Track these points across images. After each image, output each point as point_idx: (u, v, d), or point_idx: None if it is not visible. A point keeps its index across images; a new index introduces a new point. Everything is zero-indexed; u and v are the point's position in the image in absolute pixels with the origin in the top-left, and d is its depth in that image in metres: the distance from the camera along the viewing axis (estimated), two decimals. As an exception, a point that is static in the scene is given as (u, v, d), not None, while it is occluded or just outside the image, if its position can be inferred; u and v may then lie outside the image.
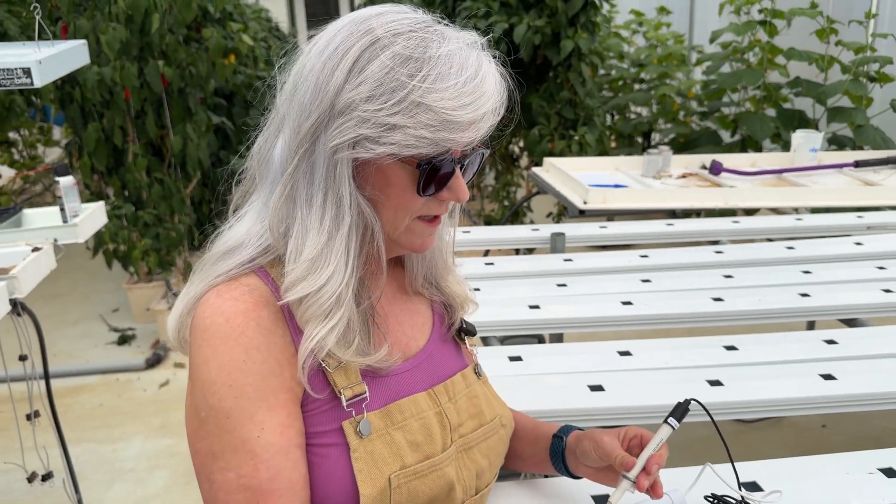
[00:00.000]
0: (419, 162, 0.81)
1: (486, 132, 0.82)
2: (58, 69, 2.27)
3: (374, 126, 0.77)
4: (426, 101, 0.77)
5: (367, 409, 0.85)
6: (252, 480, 0.79)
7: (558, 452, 1.01)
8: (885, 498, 1.07)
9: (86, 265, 4.78)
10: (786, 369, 1.46)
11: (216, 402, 0.80)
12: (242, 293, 0.83)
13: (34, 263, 2.09)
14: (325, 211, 0.81)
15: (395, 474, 0.84)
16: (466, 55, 0.79)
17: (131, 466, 2.98)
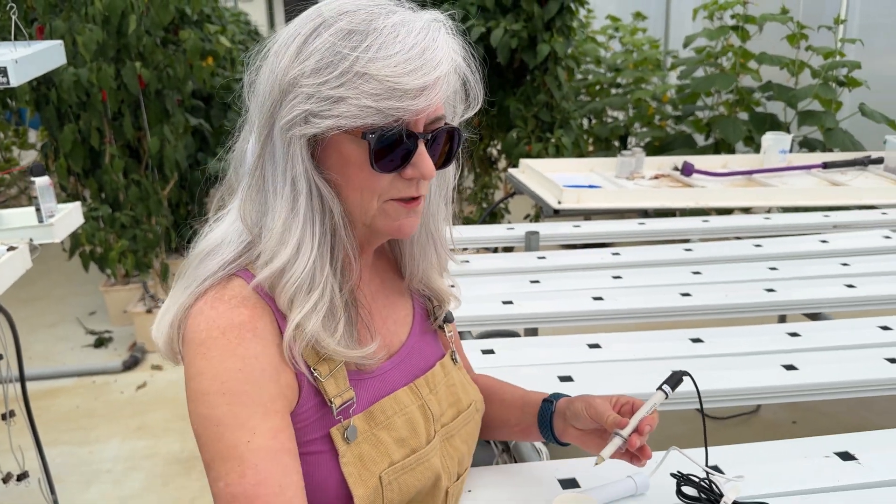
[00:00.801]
0: (364, 132, 0.79)
1: (441, 100, 0.81)
2: (34, 69, 2.27)
3: (318, 100, 0.78)
4: (369, 71, 0.76)
5: (354, 412, 0.86)
6: (237, 488, 0.77)
7: (546, 417, 1.03)
8: (839, 479, 1.11)
9: (62, 268, 4.75)
10: (750, 360, 1.50)
11: (207, 411, 0.79)
12: (237, 304, 0.82)
13: (9, 263, 2.09)
14: (284, 188, 0.81)
15: (384, 472, 0.85)
16: (414, 25, 0.79)
17: (108, 468, 2.97)
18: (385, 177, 0.82)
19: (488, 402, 1.09)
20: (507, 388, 1.12)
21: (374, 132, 0.79)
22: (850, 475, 1.13)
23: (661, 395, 0.96)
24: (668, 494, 1.07)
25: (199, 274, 0.84)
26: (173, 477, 2.90)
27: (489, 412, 1.09)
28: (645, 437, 0.93)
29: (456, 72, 0.83)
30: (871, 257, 2.13)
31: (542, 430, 1.04)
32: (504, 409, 1.08)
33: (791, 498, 1.06)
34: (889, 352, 1.54)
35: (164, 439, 3.15)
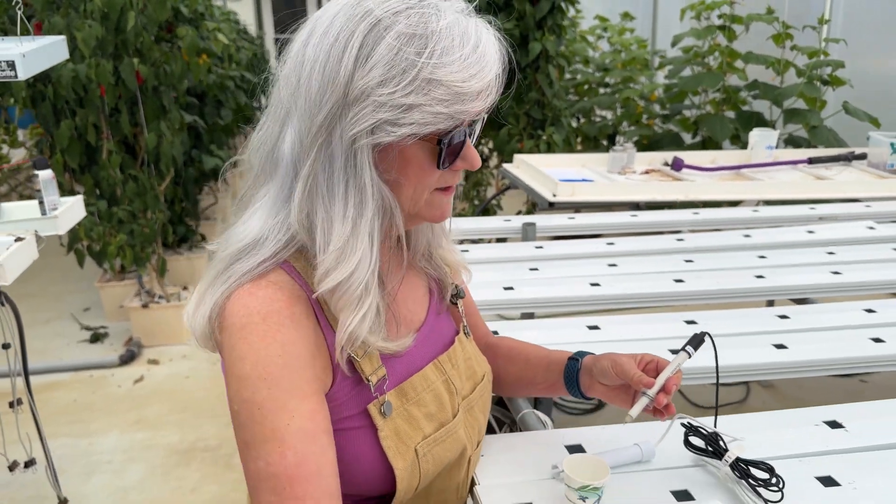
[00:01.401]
0: (439, 138, 0.82)
1: (494, 98, 0.84)
2: (39, 63, 2.30)
3: (391, 109, 0.78)
4: (437, 77, 0.77)
5: (387, 389, 0.90)
6: (279, 467, 0.79)
7: (573, 374, 1.08)
8: (828, 445, 1.18)
9: (56, 265, 4.77)
10: (742, 340, 1.57)
11: (249, 395, 0.81)
12: (274, 290, 0.83)
13: (17, 253, 2.12)
14: (348, 200, 0.81)
15: (419, 445, 0.90)
16: (465, 25, 0.80)
17: (108, 459, 3.00)
18: (438, 172, 0.86)
19: (513, 363, 1.15)
20: (531, 348, 1.17)
21: (446, 136, 0.82)
22: (837, 441, 1.20)
23: (684, 356, 1.03)
24: (673, 461, 1.14)
25: (238, 269, 0.85)
26: (173, 468, 2.93)
27: (514, 372, 1.15)
28: (671, 396, 0.99)
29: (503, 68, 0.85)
30: (855, 246, 2.21)
31: (568, 387, 1.09)
32: (529, 369, 1.13)
33: (784, 461, 1.12)
34: (874, 332, 1.61)
35: (162, 431, 3.19)
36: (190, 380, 3.61)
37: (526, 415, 1.33)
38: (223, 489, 2.79)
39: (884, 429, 1.23)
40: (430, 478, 0.92)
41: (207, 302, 0.86)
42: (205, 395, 3.47)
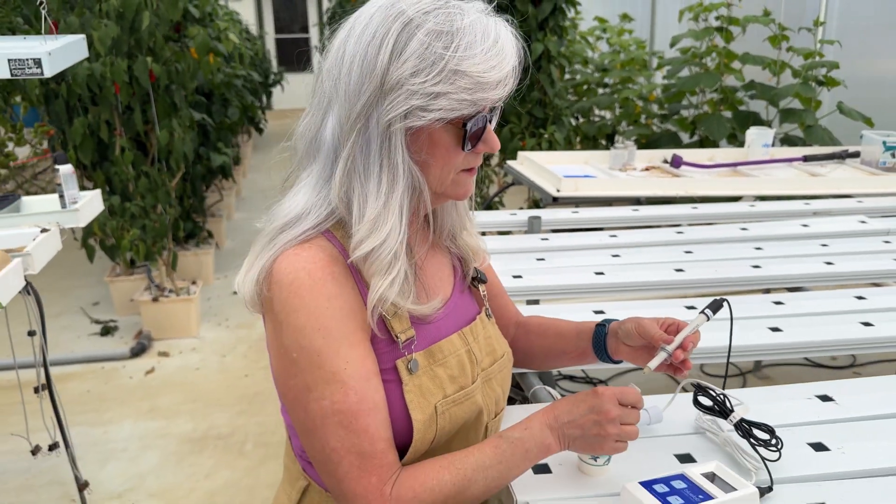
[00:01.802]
0: (464, 122, 0.92)
1: (511, 86, 0.94)
2: (63, 61, 2.39)
3: (422, 96, 0.88)
4: (461, 68, 0.88)
5: (415, 350, 1.00)
6: (344, 405, 0.91)
7: (601, 339, 1.18)
8: (819, 416, 1.28)
9: (64, 261, 4.84)
10: (740, 324, 1.66)
11: (307, 343, 0.91)
12: (315, 253, 0.94)
13: (44, 243, 2.21)
14: (382, 178, 0.92)
15: (439, 402, 0.99)
16: (485, 23, 0.91)
17: (123, 447, 3.09)
18: (463, 153, 0.96)
19: (545, 336, 1.25)
20: (561, 322, 1.27)
21: (469, 120, 0.92)
22: (828, 412, 1.29)
23: (703, 318, 1.12)
24: (680, 426, 1.23)
25: (283, 238, 0.96)
26: (186, 455, 3.02)
27: (546, 345, 1.25)
28: (689, 353, 1.09)
29: (519, 60, 0.96)
30: (848, 239, 2.30)
31: (596, 352, 1.20)
32: (562, 340, 1.24)
33: (784, 429, 1.21)
34: (864, 317, 1.71)
35: (175, 420, 3.27)
36: (200, 371, 3.70)
37: (537, 390, 1.42)
38: (236, 475, 2.88)
39: (871, 402, 1.33)
40: (446, 435, 1.01)
41: (256, 267, 0.96)
42: (215, 386, 3.55)
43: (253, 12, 13.01)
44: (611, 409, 0.99)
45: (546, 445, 1.00)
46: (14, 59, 2.19)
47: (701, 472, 1.05)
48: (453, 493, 0.95)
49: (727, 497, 1.00)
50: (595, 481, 1.09)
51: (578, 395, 1.03)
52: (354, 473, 0.92)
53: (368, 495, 0.92)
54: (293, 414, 0.96)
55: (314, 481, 1.07)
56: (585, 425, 0.99)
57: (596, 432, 0.99)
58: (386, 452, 0.94)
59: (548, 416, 1.02)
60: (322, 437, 0.93)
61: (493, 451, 0.98)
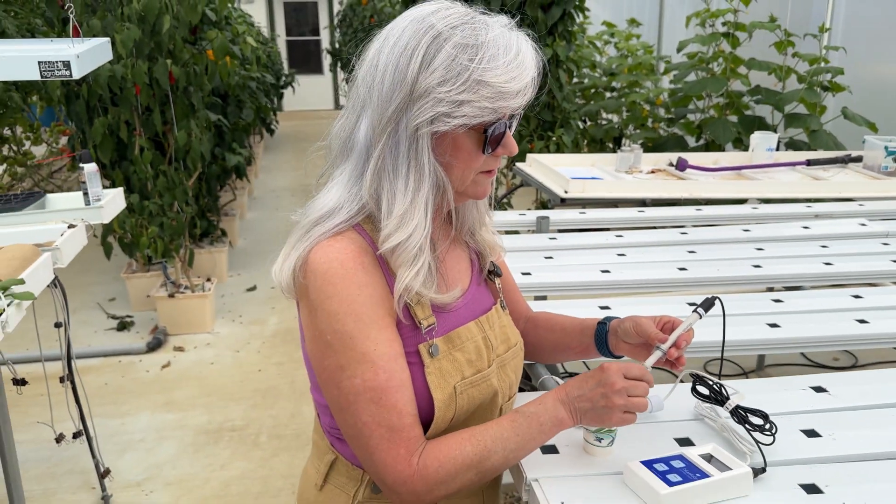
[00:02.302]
0: (485, 128, 1.00)
1: (531, 96, 1.02)
2: (89, 63, 2.48)
3: (447, 104, 0.96)
4: (485, 79, 0.96)
5: (436, 335, 1.08)
6: (374, 382, 1.00)
7: (602, 336, 1.26)
8: (813, 405, 1.35)
9: (80, 258, 4.93)
10: (739, 320, 1.74)
11: (340, 327, 1.00)
12: (347, 244, 1.02)
13: (71, 238, 2.30)
14: (409, 178, 1.00)
15: (458, 384, 1.08)
16: (508, 37, 0.99)
17: (141, 437, 3.18)
18: (483, 156, 1.04)
19: (552, 331, 1.33)
20: (566, 318, 1.35)
21: (490, 127, 1.00)
22: (822, 402, 1.37)
23: (695, 316, 1.19)
24: (681, 413, 1.30)
25: (317, 231, 1.05)
26: (202, 446, 3.11)
27: (553, 339, 1.33)
28: (682, 350, 1.16)
29: (539, 72, 1.04)
30: (847, 241, 2.37)
31: (598, 348, 1.27)
32: (566, 335, 1.31)
33: (780, 418, 1.29)
34: (860, 314, 1.78)
35: (191, 413, 3.36)
36: (215, 366, 3.79)
37: (545, 380, 1.50)
38: (251, 465, 2.96)
39: (862, 393, 1.40)
40: (464, 414, 1.09)
41: (292, 257, 1.05)
42: (229, 380, 3.64)
43: (265, 15, 13.14)
44: (616, 381, 1.06)
45: (559, 419, 1.08)
46: (44, 62, 2.28)
47: (699, 453, 1.13)
48: (475, 461, 1.03)
49: (722, 475, 1.07)
50: (599, 461, 1.17)
51: (588, 372, 1.11)
52: (384, 445, 1.00)
53: (398, 465, 1.00)
54: (327, 392, 1.04)
55: (341, 455, 1.15)
56: (594, 398, 1.07)
57: (604, 404, 1.06)
58: (413, 426, 1.02)
59: (560, 392, 1.10)
60: (354, 412, 1.01)
61: (510, 425, 1.07)
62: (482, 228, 1.22)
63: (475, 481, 1.05)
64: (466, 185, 1.07)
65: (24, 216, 2.50)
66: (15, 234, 2.34)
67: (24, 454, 3.04)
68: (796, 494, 1.10)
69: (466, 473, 1.03)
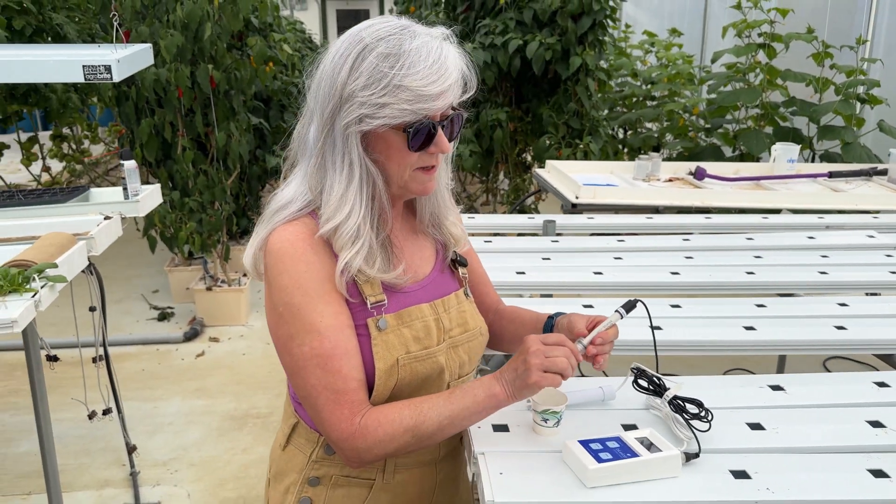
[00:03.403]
0: (405, 127, 1.12)
1: (453, 99, 1.13)
2: (130, 68, 2.67)
3: (370, 106, 1.09)
4: (404, 84, 1.07)
5: (386, 311, 1.20)
6: (320, 350, 1.12)
7: (549, 330, 1.35)
8: (769, 402, 1.42)
9: (129, 252, 5.22)
10: (716, 321, 1.80)
11: (289, 299, 1.13)
12: (300, 228, 1.16)
13: (106, 229, 2.48)
14: (343, 170, 1.14)
15: (401, 357, 1.19)
16: (430, 46, 1.10)
17: (170, 421, 3.36)
18: (415, 154, 1.16)
19: (512, 323, 1.43)
20: (526, 312, 1.45)
21: (411, 127, 1.12)
22: (777, 399, 1.43)
23: (616, 316, 1.27)
24: (633, 402, 1.39)
25: (276, 218, 1.20)
26: (227, 431, 3.28)
27: (511, 330, 1.43)
28: (606, 349, 1.24)
29: (461, 76, 1.15)
30: (850, 252, 2.39)
31: None
32: (522, 327, 1.41)
33: (728, 410, 1.36)
34: (840, 321, 1.82)
35: (219, 399, 3.54)
36: (246, 356, 3.97)
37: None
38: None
39: (821, 393, 1.46)
40: (407, 386, 1.21)
41: (255, 241, 1.20)
42: (258, 370, 3.82)
43: (318, 23, 13.48)
44: (532, 345, 1.16)
45: (493, 393, 1.17)
46: (88, 66, 2.48)
47: (635, 436, 1.21)
48: (411, 426, 1.14)
49: (651, 456, 1.16)
50: (545, 440, 1.26)
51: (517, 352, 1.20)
52: (330, 406, 1.13)
53: (341, 423, 1.13)
54: (282, 358, 1.18)
55: (301, 419, 1.28)
56: (517, 366, 1.17)
57: (523, 368, 1.15)
58: (357, 391, 1.15)
59: (495, 373, 1.20)
60: (304, 376, 1.14)
61: (447, 395, 1.18)
62: (447, 221, 1.33)
63: (413, 444, 1.16)
64: (405, 180, 1.18)
65: (68, 207, 2.71)
66: (57, 223, 2.54)
67: (64, 430, 3.26)
68: (724, 479, 1.17)
69: (404, 436, 1.14)
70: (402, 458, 1.27)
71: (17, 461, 3.09)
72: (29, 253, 2.14)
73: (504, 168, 5.25)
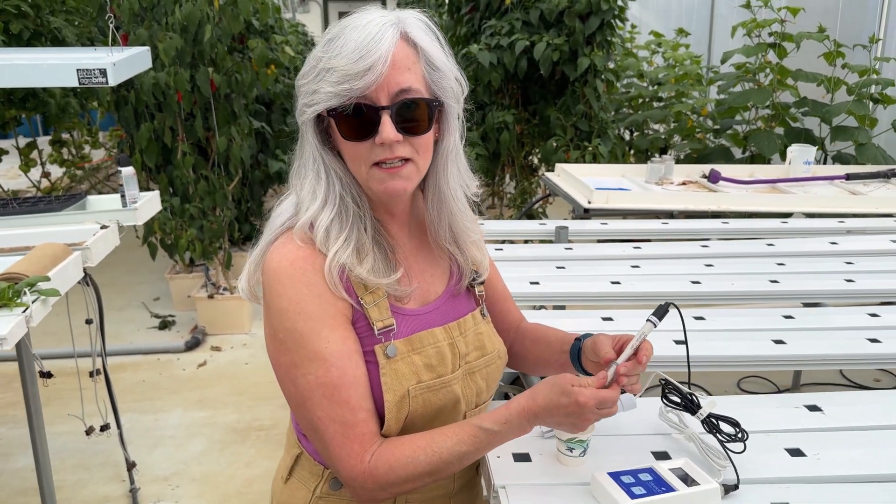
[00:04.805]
0: (328, 111, 1.03)
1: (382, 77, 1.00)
2: (126, 71, 2.59)
3: (305, 94, 1.05)
4: (330, 65, 1.01)
5: (395, 337, 1.10)
6: (326, 379, 1.03)
7: (575, 354, 1.24)
8: (805, 424, 1.32)
9: (130, 259, 5.13)
10: (744, 335, 1.71)
11: (291, 325, 1.03)
12: (298, 245, 1.06)
13: (102, 239, 2.40)
14: (307, 166, 1.08)
15: (412, 387, 1.09)
16: (371, 27, 1.01)
17: (171, 434, 3.28)
18: (363, 145, 1.04)
19: (536, 344, 1.32)
20: (552, 332, 1.33)
21: (334, 111, 1.03)
22: (814, 421, 1.34)
23: (649, 326, 1.13)
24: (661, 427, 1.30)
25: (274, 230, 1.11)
26: (230, 444, 3.19)
27: (536, 352, 1.32)
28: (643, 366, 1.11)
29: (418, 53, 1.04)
30: (875, 258, 2.30)
31: (574, 365, 1.25)
32: (548, 350, 1.30)
33: (765, 434, 1.27)
34: (873, 333, 1.73)
35: (222, 411, 3.45)
36: (249, 366, 3.88)
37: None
38: (275, 464, 3.00)
39: (857, 414, 1.37)
40: (420, 417, 1.11)
41: (252, 259, 1.12)
42: (262, 380, 3.73)
43: (320, 24, 13.41)
44: (590, 416, 1.05)
45: (524, 430, 1.07)
46: (82, 69, 2.39)
47: (669, 467, 1.12)
48: (428, 471, 1.05)
49: (688, 490, 1.06)
50: (571, 471, 1.17)
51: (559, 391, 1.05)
52: (338, 440, 1.04)
53: (350, 460, 1.04)
54: (284, 389, 1.08)
55: (305, 451, 1.19)
56: (563, 423, 1.07)
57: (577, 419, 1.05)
58: (367, 422, 1.05)
59: (527, 412, 1.06)
60: (310, 408, 1.05)
61: (470, 440, 1.06)
62: (469, 242, 1.21)
63: (430, 482, 1.07)
64: (364, 178, 1.08)
65: (63, 216, 2.62)
66: (52, 233, 2.45)
67: (63, 444, 3.17)
68: (766, 513, 1.08)
69: (420, 479, 1.05)
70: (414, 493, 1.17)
71: (15, 476, 3.01)
72: (21, 265, 2.05)
73: (510, 171, 5.17)
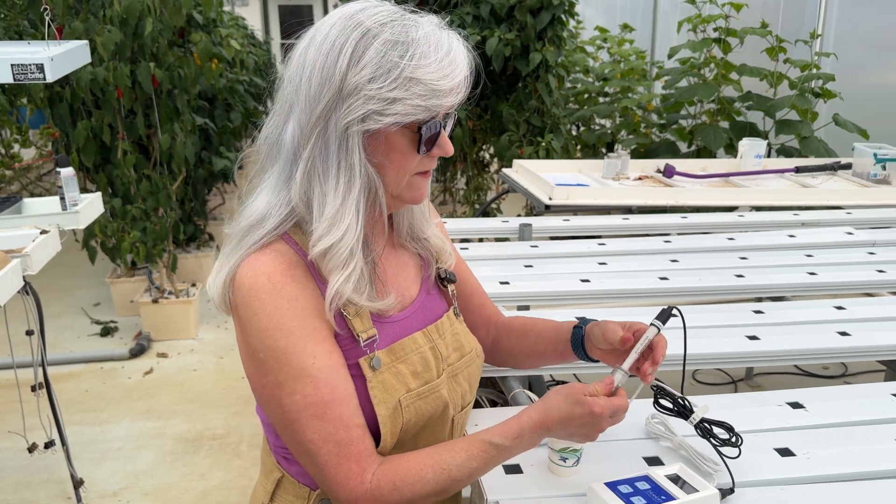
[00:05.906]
0: (418, 126, 0.97)
1: (463, 95, 1.00)
2: (65, 67, 2.44)
3: (378, 101, 0.94)
4: (416, 76, 0.93)
5: (378, 347, 1.04)
6: (316, 397, 0.96)
7: (578, 341, 1.20)
8: (788, 422, 1.31)
9: (66, 262, 4.90)
10: (718, 331, 1.70)
11: (272, 343, 0.96)
12: (274, 257, 0.99)
13: (43, 245, 2.26)
14: (339, 178, 0.96)
15: (403, 397, 1.03)
16: (439, 35, 0.97)
17: (119, 446, 3.13)
18: (419, 156, 1.01)
19: (526, 337, 1.27)
20: (541, 322, 1.30)
21: (425, 125, 0.97)
22: (799, 419, 1.33)
23: (654, 330, 1.12)
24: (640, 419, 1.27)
25: (247, 241, 1.01)
26: (182, 455, 3.06)
27: (527, 345, 1.27)
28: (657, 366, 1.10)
29: (471, 72, 1.01)
30: (833, 250, 2.34)
31: (576, 352, 1.22)
32: (541, 341, 1.26)
33: (752, 434, 1.25)
34: (842, 326, 1.74)
35: (171, 420, 3.31)
36: (198, 372, 3.74)
37: (517, 394, 1.46)
38: (230, 475, 2.92)
39: (840, 409, 1.36)
40: (413, 427, 1.05)
41: (224, 271, 1.02)
42: (212, 387, 3.60)
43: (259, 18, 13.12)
44: (604, 425, 1.02)
45: (532, 447, 1.04)
46: (17, 65, 2.24)
47: (665, 473, 1.09)
48: (436, 490, 0.99)
49: (688, 498, 1.03)
50: (564, 482, 1.13)
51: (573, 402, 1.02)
52: (334, 461, 0.97)
53: (350, 482, 0.97)
54: (269, 411, 1.00)
55: (287, 473, 1.11)
56: (575, 434, 1.03)
57: (590, 430, 1.02)
58: (362, 439, 0.99)
59: (541, 426, 1.02)
60: (299, 429, 0.97)
61: (481, 456, 1.01)
62: (427, 233, 1.17)
63: (435, 502, 1.01)
64: (401, 187, 1.03)
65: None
66: (-13, 239, 2.30)
67: (2, 462, 3.00)
68: (766, 517, 1.06)
69: (426, 499, 0.99)
70: None
71: (-51, 498, 2.83)
72: (-45, 275, 1.91)
73: (462, 167, 5.13)
